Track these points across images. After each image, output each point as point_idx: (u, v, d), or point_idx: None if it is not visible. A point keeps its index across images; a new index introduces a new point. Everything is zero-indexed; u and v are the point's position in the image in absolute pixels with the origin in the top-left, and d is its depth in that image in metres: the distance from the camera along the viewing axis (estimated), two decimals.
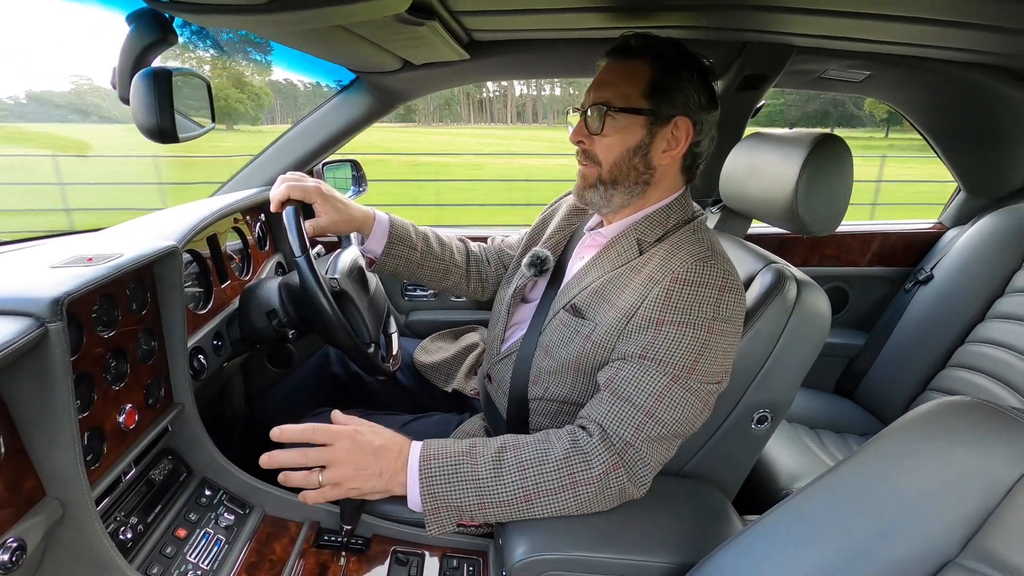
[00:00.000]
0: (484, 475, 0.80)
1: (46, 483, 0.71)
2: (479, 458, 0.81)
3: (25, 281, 0.70)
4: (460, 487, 0.79)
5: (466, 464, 0.80)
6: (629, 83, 0.88)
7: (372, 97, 1.49)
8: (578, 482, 0.79)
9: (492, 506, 0.80)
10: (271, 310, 1.12)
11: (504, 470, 0.80)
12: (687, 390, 0.81)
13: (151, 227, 1.03)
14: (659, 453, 0.83)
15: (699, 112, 0.89)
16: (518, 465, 0.80)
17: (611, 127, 0.89)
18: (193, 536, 0.93)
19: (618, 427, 0.81)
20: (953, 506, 0.53)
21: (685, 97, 0.87)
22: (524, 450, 0.82)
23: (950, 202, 1.91)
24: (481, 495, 0.79)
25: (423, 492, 0.79)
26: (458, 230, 1.56)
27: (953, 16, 0.98)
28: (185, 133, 0.89)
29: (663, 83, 0.87)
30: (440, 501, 0.79)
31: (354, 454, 0.80)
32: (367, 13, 0.80)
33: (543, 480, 0.79)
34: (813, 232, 1.02)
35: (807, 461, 1.41)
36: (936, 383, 1.57)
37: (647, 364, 0.82)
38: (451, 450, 0.82)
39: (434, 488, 0.79)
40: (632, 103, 0.88)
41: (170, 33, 0.83)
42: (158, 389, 0.94)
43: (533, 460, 0.80)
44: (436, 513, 0.80)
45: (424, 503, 0.79)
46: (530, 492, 0.79)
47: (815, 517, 0.62)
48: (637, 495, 0.83)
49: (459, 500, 0.79)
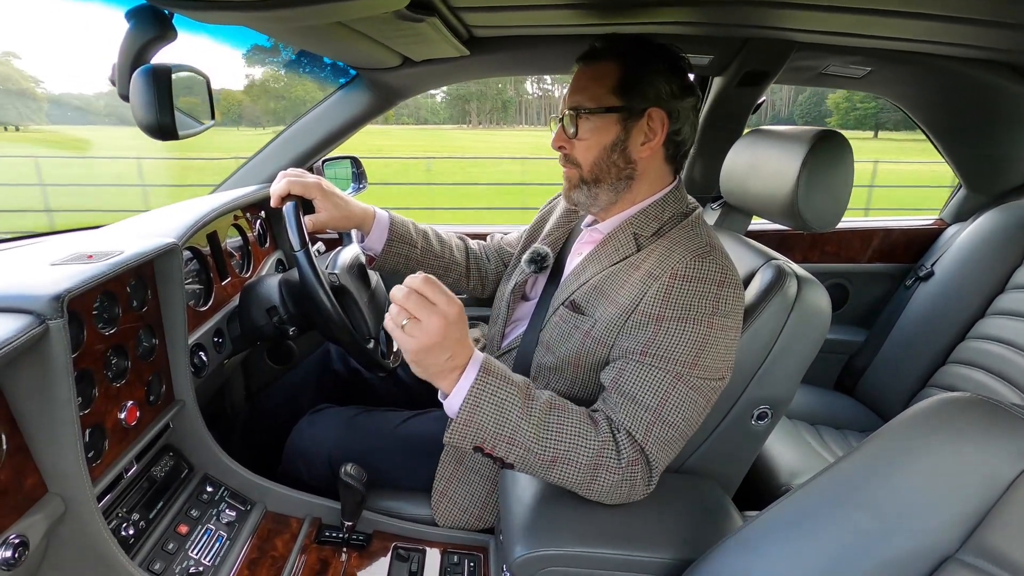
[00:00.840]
0: (527, 421, 0.77)
1: (48, 480, 0.71)
2: (529, 403, 0.78)
3: (26, 278, 0.70)
4: (501, 418, 0.76)
5: (517, 401, 0.77)
6: (598, 84, 0.90)
7: (372, 94, 1.48)
8: (605, 467, 0.79)
9: (519, 450, 0.77)
10: (271, 307, 1.12)
11: (547, 427, 0.78)
12: (690, 387, 0.81)
13: (151, 224, 1.03)
14: (667, 454, 0.83)
15: (672, 101, 0.90)
16: (559, 429, 0.79)
17: (586, 129, 0.91)
18: (195, 532, 0.93)
19: (632, 426, 0.81)
20: (953, 502, 0.53)
21: (655, 89, 0.89)
22: (570, 418, 0.80)
23: (951, 198, 1.91)
24: (514, 436, 0.77)
25: (467, 402, 0.75)
26: (457, 228, 1.56)
27: (954, 12, 0.98)
28: (185, 130, 0.89)
29: (631, 78, 0.89)
30: (476, 418, 0.76)
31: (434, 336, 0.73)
32: (367, 10, 0.79)
33: (576, 454, 0.78)
34: (813, 228, 1.02)
35: (807, 457, 1.41)
36: (936, 379, 1.57)
37: (649, 361, 0.82)
38: (509, 379, 0.79)
39: (479, 403, 0.76)
40: (603, 102, 0.90)
41: (169, 29, 0.83)
42: (159, 386, 0.94)
43: (575, 432, 0.79)
44: (465, 426, 0.76)
45: (460, 412, 0.76)
46: (558, 457, 0.78)
47: (815, 513, 0.62)
48: (643, 495, 0.83)
49: (494, 427, 0.76)
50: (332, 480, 1.02)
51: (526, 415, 0.77)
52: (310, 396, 1.31)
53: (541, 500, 0.86)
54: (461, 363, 0.76)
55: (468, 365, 0.77)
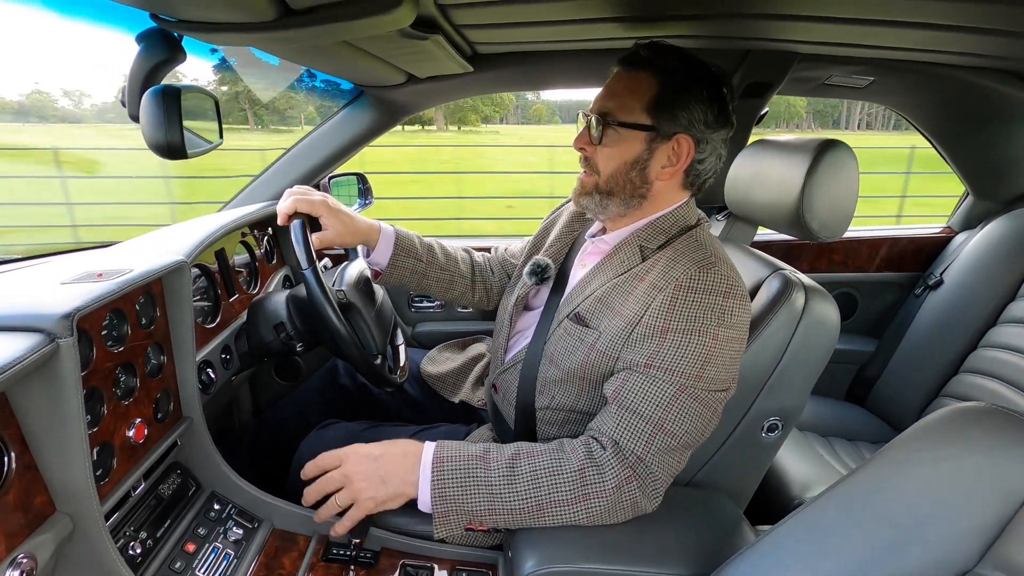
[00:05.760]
0: (497, 481, 0.79)
1: (56, 499, 0.71)
2: (492, 463, 0.81)
3: (36, 297, 0.71)
4: (472, 491, 0.79)
5: (479, 468, 0.80)
6: (633, 96, 0.87)
7: (377, 111, 1.50)
8: (591, 494, 0.79)
9: (503, 513, 0.79)
10: (279, 323, 1.13)
11: (517, 478, 0.80)
12: (694, 399, 0.80)
13: (160, 242, 1.04)
14: (670, 465, 0.82)
15: (704, 130, 0.87)
16: (531, 474, 0.80)
17: (611, 138, 0.89)
18: (202, 551, 0.93)
19: (629, 440, 0.80)
20: (970, 514, 0.52)
21: (689, 114, 0.86)
22: (538, 459, 0.81)
23: (958, 207, 1.90)
24: (492, 501, 0.79)
25: (434, 494, 0.79)
26: (462, 241, 1.57)
27: (956, 21, 0.98)
28: (194, 149, 0.90)
29: (667, 99, 0.86)
30: (451, 504, 0.79)
31: (358, 467, 0.82)
32: (372, 29, 0.81)
33: (556, 491, 0.79)
34: (820, 238, 1.01)
35: (819, 469, 1.39)
36: (949, 389, 1.55)
37: (653, 373, 0.81)
38: (464, 453, 0.82)
39: (446, 491, 0.79)
40: (633, 118, 0.87)
41: (179, 52, 0.84)
42: (167, 403, 0.94)
43: (547, 470, 0.80)
44: (446, 516, 0.80)
45: (434, 505, 0.79)
46: (543, 502, 0.79)
47: (829, 527, 0.61)
48: (649, 508, 0.83)
49: (470, 504, 0.79)
50: None
51: (493, 477, 0.80)
52: (318, 412, 1.30)
53: None
54: (408, 465, 0.82)
55: (421, 462, 0.82)
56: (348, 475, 0.82)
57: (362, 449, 0.84)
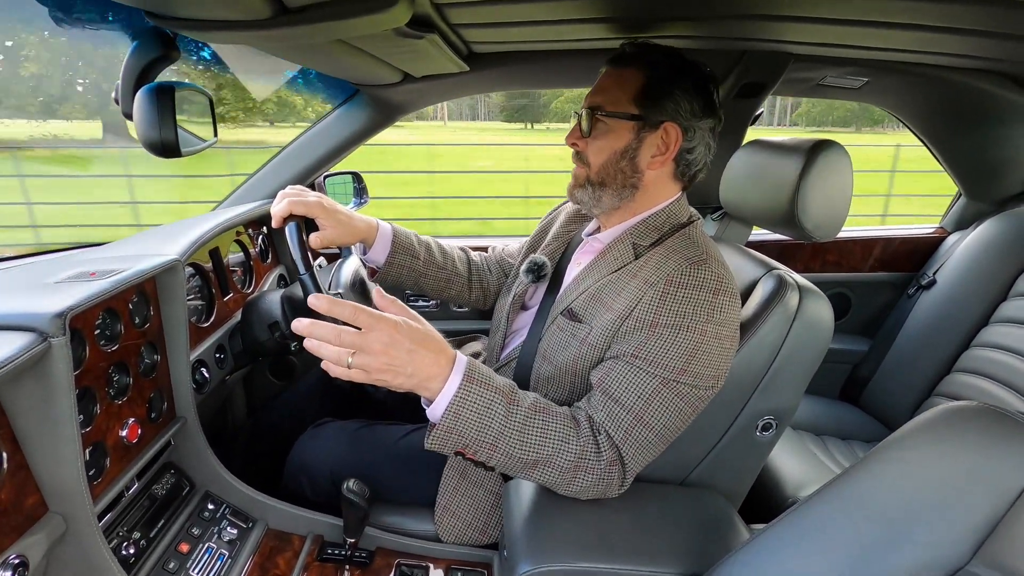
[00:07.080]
0: (511, 424, 0.77)
1: (48, 499, 0.70)
2: (512, 407, 0.78)
3: (28, 296, 0.71)
4: (484, 424, 0.76)
5: (500, 405, 0.77)
6: (620, 89, 0.91)
7: (372, 110, 1.50)
8: (585, 468, 0.81)
9: (501, 454, 0.78)
10: (273, 322, 1.12)
11: (530, 432, 0.79)
12: (676, 394, 0.82)
13: (153, 241, 1.04)
14: (644, 457, 0.84)
15: (690, 119, 0.90)
16: (542, 434, 0.79)
17: (600, 130, 0.92)
18: (196, 551, 0.93)
19: (612, 429, 0.82)
20: (962, 512, 0.52)
21: (675, 104, 0.89)
22: (553, 421, 0.81)
23: (951, 207, 1.91)
24: (498, 440, 0.77)
25: (449, 412, 0.75)
26: (459, 240, 1.56)
27: (950, 23, 0.99)
28: (188, 147, 0.90)
29: (653, 89, 0.89)
30: (460, 426, 0.75)
31: (389, 348, 0.72)
32: (368, 28, 0.80)
33: (558, 457, 0.79)
34: (814, 238, 1.02)
35: (813, 469, 1.40)
36: (942, 388, 1.56)
37: (639, 364, 0.82)
38: (492, 385, 0.78)
39: (461, 413, 0.75)
40: (621, 108, 0.90)
41: (172, 50, 0.84)
42: (160, 403, 0.94)
43: (558, 437, 0.80)
44: (447, 434, 0.76)
45: (443, 420, 0.75)
46: (540, 460, 0.79)
47: (822, 525, 0.61)
48: (614, 494, 0.84)
49: (476, 434, 0.76)
50: (335, 495, 1.01)
51: (509, 421, 0.78)
52: (312, 411, 1.30)
53: (545, 514, 0.85)
54: (435, 370, 0.75)
55: (450, 376, 0.76)
56: (374, 350, 0.72)
57: (400, 333, 0.73)
